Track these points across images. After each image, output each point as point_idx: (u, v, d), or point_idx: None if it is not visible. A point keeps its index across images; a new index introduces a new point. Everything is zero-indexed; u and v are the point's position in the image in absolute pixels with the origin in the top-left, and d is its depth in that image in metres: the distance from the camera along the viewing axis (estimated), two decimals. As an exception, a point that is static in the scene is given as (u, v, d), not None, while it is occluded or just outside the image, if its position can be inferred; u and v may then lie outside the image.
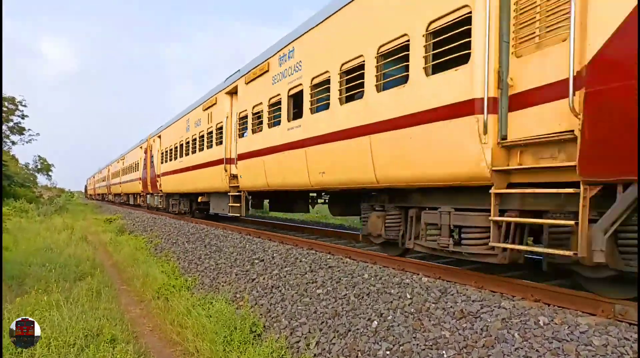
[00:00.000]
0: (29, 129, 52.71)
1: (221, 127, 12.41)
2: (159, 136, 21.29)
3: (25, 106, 49.92)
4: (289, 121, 8.51)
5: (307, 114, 7.75)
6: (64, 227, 18.85)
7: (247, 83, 10.73)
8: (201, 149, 14.39)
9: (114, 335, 5.77)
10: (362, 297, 5.37)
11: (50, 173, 73.99)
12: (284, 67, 8.82)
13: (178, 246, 12.24)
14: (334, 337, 4.91)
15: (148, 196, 24.77)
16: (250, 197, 11.40)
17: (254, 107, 10.26)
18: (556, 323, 3.67)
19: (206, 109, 14.00)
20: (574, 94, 3.75)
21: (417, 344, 4.14)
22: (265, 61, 9.65)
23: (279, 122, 8.87)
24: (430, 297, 4.77)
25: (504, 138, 4.50)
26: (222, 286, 7.83)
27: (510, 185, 4.56)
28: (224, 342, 5.45)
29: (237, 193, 11.36)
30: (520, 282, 4.71)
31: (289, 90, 8.52)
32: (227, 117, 12.23)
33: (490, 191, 4.47)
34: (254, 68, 10.29)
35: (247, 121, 10.68)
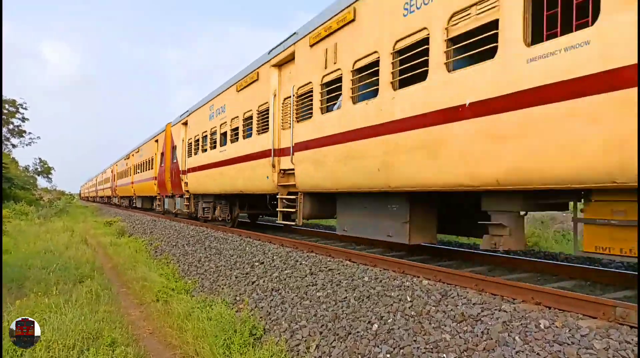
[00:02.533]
0: (30, 133, 52.84)
1: (266, 110, 9.59)
2: (185, 123, 16.41)
3: (25, 108, 50.07)
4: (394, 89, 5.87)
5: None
6: (63, 230, 18.85)
7: (312, 45, 7.79)
8: (246, 137, 10.73)
9: (114, 338, 5.75)
10: (363, 300, 5.35)
11: (50, 176, 74.03)
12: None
13: (178, 249, 12.23)
14: (334, 340, 4.90)
15: (166, 199, 20.19)
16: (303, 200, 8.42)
17: (323, 78, 7.42)
18: (557, 327, 3.66)
19: (244, 87, 10.80)
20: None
21: (418, 347, 4.13)
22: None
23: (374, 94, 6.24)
24: (431, 300, 4.76)
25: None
26: (222, 289, 7.81)
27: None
28: (224, 345, 5.44)
29: (291, 195, 8.74)
30: (521, 285, 4.69)
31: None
32: (275, 95, 9.33)
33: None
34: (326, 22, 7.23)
35: (310, 98, 7.88)
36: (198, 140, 14.56)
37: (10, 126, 49.43)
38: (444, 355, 3.90)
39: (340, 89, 6.96)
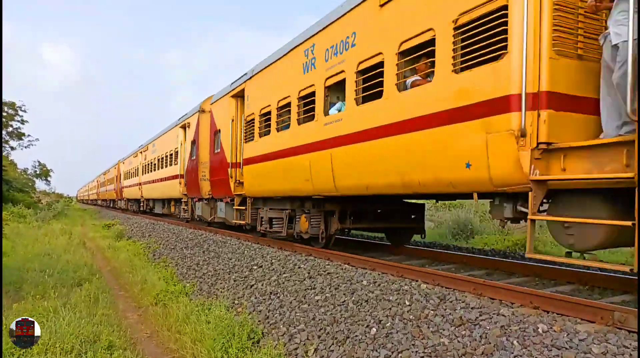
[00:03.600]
0: (29, 135, 52.78)
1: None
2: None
3: (25, 111, 50.04)
4: None
5: None
6: (62, 232, 18.81)
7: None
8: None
9: (112, 342, 5.73)
10: (361, 304, 5.35)
11: (49, 179, 73.90)
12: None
13: (176, 252, 12.21)
14: (333, 344, 4.89)
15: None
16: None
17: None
18: (555, 331, 3.67)
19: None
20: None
21: (416, 351, 4.12)
22: None
23: None
24: (429, 304, 4.76)
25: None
26: (221, 292, 7.80)
27: None
28: (222, 348, 5.42)
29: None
30: (520, 289, 4.70)
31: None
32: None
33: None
34: None
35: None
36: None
37: (10, 129, 49.39)
38: (442, 359, 3.90)
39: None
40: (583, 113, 4.38)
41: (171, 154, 18.98)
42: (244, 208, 11.26)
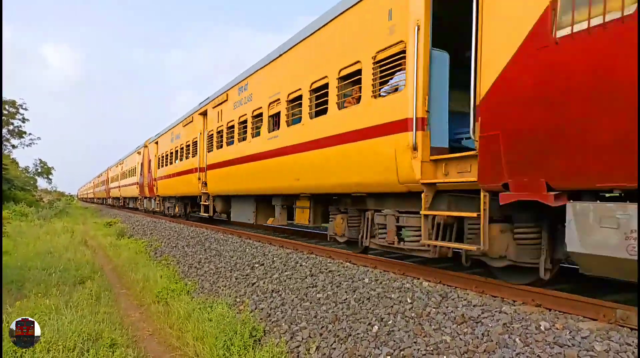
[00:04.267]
0: (30, 134, 52.81)
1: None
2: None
3: (26, 109, 50.03)
4: None
5: None
6: (63, 231, 18.84)
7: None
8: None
9: (114, 340, 5.75)
10: (363, 301, 5.35)
11: (50, 177, 73.96)
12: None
13: (178, 250, 12.22)
14: (334, 342, 4.89)
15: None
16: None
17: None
18: (557, 329, 3.66)
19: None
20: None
21: (418, 349, 4.12)
22: None
23: None
24: (431, 302, 4.76)
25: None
26: (222, 290, 7.81)
27: None
28: (223, 346, 5.43)
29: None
30: (522, 287, 4.70)
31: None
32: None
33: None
34: None
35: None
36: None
37: (10, 127, 49.42)
38: (445, 357, 3.90)
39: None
40: None
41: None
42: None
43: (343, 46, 6.99)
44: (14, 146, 51.45)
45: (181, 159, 17.09)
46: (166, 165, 19.57)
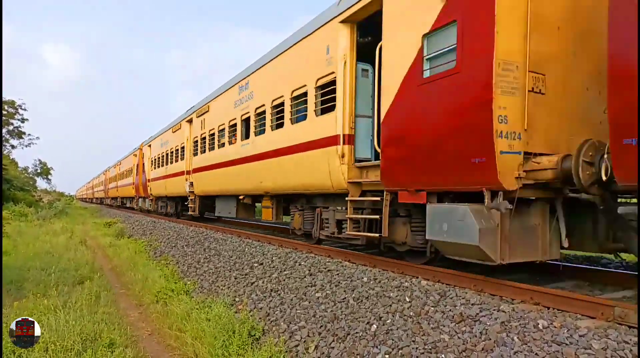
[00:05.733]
0: (29, 134, 52.78)
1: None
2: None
3: (25, 109, 50.01)
4: None
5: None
6: (63, 231, 18.83)
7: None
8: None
9: (112, 339, 5.74)
10: (361, 300, 5.35)
11: (49, 177, 73.94)
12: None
13: (177, 250, 12.22)
14: (333, 341, 4.89)
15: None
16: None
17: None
18: (555, 327, 3.66)
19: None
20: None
21: (417, 348, 4.12)
22: None
23: None
24: (430, 300, 4.76)
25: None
26: (221, 290, 7.81)
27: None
28: (222, 346, 5.43)
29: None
30: (520, 285, 4.69)
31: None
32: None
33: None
34: None
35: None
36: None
37: (10, 127, 49.39)
38: (443, 356, 3.90)
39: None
40: None
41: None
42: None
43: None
44: (13, 147, 51.45)
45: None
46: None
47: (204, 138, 14.15)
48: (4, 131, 47.28)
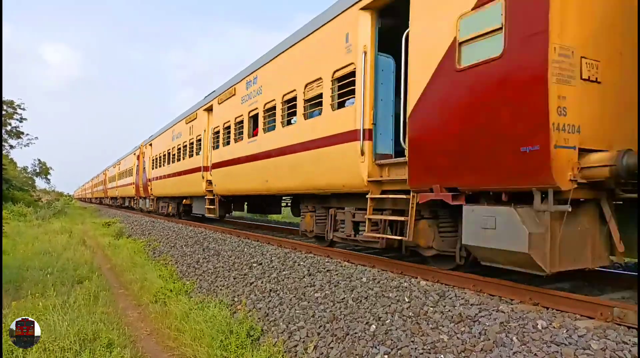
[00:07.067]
0: (27, 134, 52.70)
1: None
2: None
3: (24, 109, 49.90)
4: None
5: None
6: (62, 231, 18.80)
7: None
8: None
9: (111, 340, 5.73)
10: (361, 301, 5.34)
11: (48, 177, 73.86)
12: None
13: (176, 250, 12.21)
14: (332, 341, 4.89)
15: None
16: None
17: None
18: (554, 327, 3.66)
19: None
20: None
21: (415, 348, 4.12)
22: None
23: None
24: (429, 301, 4.75)
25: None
26: (220, 290, 7.80)
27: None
28: (220, 346, 5.42)
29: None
30: (519, 286, 4.69)
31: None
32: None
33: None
34: None
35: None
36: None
37: (8, 127, 49.31)
38: (442, 356, 3.89)
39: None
40: None
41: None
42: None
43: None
44: (11, 147, 51.36)
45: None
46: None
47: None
48: (2, 131, 47.22)
